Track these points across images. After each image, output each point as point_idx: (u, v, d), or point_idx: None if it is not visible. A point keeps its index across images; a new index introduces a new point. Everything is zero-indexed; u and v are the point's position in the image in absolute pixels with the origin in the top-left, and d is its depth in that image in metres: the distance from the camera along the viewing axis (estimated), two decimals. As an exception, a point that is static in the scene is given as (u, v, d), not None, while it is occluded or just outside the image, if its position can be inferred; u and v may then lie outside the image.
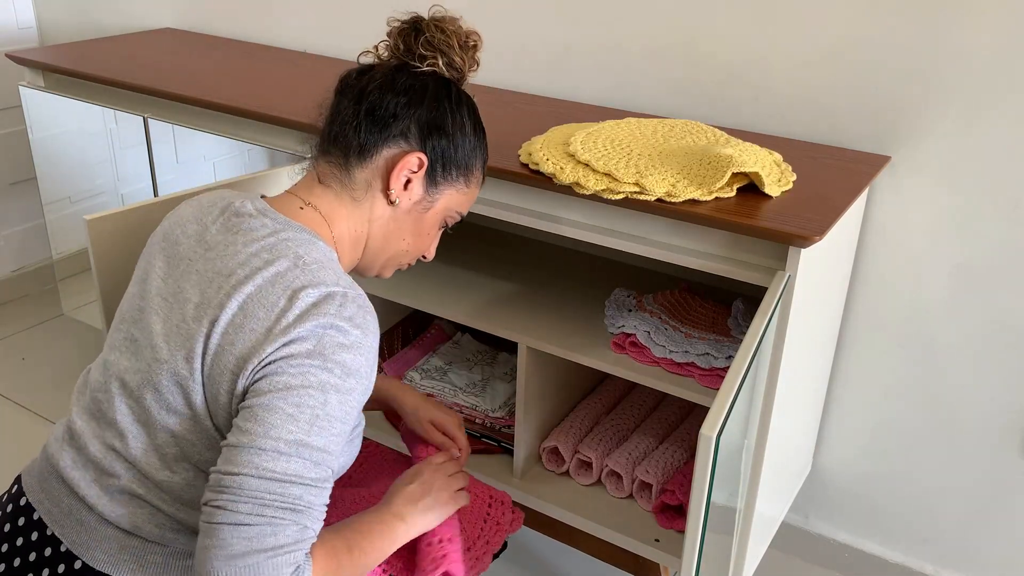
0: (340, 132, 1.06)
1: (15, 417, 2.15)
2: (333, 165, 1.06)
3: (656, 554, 1.43)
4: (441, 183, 1.09)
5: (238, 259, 0.96)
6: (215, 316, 0.93)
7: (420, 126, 1.05)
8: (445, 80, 1.09)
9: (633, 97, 1.69)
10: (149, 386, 0.96)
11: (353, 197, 1.06)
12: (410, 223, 1.10)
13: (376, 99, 1.05)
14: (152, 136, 1.82)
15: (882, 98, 1.45)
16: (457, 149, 1.08)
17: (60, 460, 1.01)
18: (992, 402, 1.52)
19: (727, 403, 0.97)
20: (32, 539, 0.99)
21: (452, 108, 1.07)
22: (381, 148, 1.05)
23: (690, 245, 1.26)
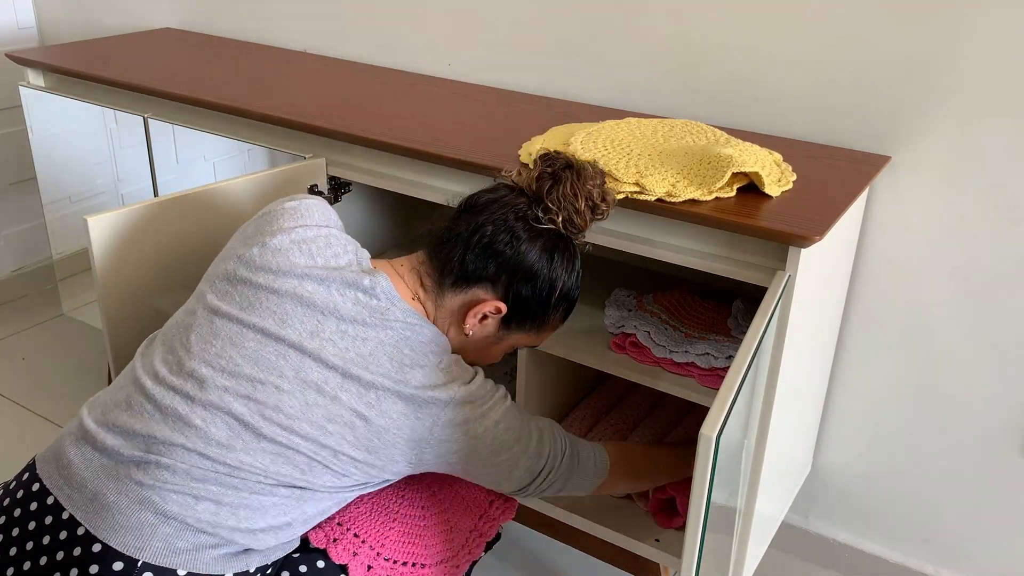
0: (448, 252, 1.13)
1: (15, 417, 2.15)
2: (431, 278, 1.15)
3: (656, 554, 1.43)
4: (514, 328, 1.18)
5: (385, 351, 1.06)
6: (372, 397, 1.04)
7: (511, 275, 1.12)
8: (558, 237, 1.15)
9: (633, 97, 1.69)
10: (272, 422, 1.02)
11: (439, 314, 1.15)
12: (477, 348, 1.19)
13: (487, 239, 1.12)
14: (152, 136, 1.82)
15: (882, 98, 1.45)
16: (539, 306, 1.16)
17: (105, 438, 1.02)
18: (992, 402, 1.52)
19: (727, 403, 0.97)
20: (46, 523, 1.00)
21: (550, 268, 1.14)
22: (474, 285, 1.13)
23: (690, 245, 1.26)
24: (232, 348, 1.04)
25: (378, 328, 1.07)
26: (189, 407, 1.01)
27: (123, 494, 0.99)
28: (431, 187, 1.46)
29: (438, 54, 1.90)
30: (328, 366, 1.03)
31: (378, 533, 1.17)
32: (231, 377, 1.03)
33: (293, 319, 1.05)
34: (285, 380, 1.03)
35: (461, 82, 1.86)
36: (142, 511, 0.98)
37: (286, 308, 1.06)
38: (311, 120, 1.55)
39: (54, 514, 1.00)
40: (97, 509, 0.99)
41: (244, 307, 1.07)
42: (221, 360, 1.04)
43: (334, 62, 1.99)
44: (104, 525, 0.98)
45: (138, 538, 0.97)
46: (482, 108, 1.66)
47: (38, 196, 2.16)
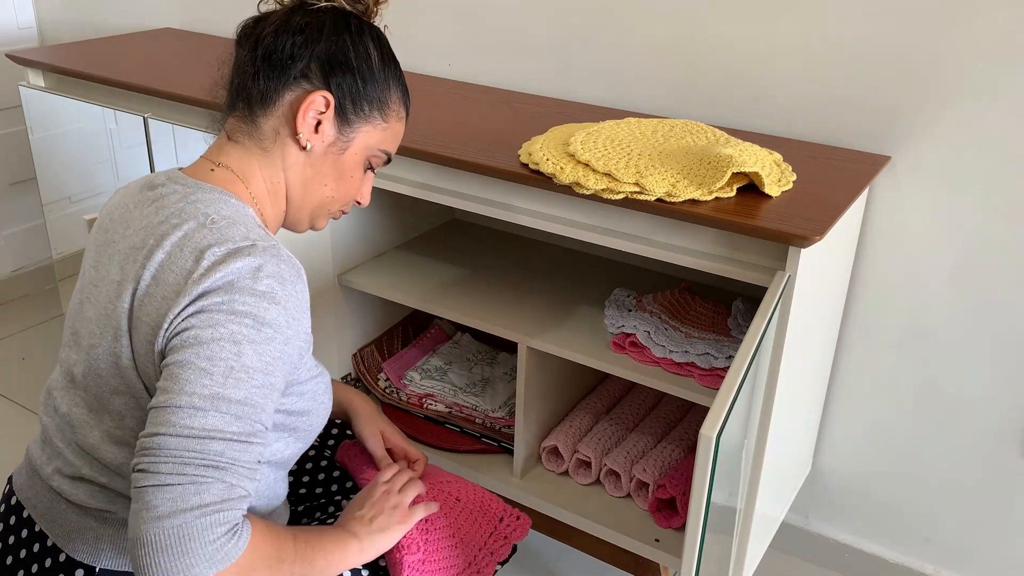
0: (241, 83, 1.01)
1: (15, 417, 2.15)
2: (240, 119, 1.02)
3: (656, 554, 1.43)
4: (354, 121, 1.03)
5: (149, 230, 0.94)
6: (133, 289, 0.92)
7: (321, 63, 0.99)
8: (345, 13, 1.03)
9: (633, 97, 1.69)
10: (92, 373, 0.95)
11: (263, 148, 1.01)
12: (328, 167, 1.04)
13: (271, 42, 1.00)
14: (152, 136, 1.82)
15: (882, 98, 1.45)
16: (366, 83, 1.02)
17: (37, 457, 1.02)
18: (992, 402, 1.52)
19: (727, 403, 0.97)
20: (22, 536, 1.00)
21: (353, 40, 1.01)
22: (283, 92, 0.99)
23: (690, 245, 1.26)
24: (73, 318, 1.00)
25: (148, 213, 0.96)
26: (61, 396, 1.00)
27: (65, 502, 0.98)
28: (431, 187, 1.46)
29: (438, 54, 1.90)
30: (107, 279, 0.95)
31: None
32: (75, 347, 0.99)
33: (102, 255, 0.99)
34: (86, 322, 0.97)
35: (461, 82, 1.86)
36: (81, 516, 0.97)
37: (97, 249, 1.00)
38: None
39: (28, 526, 1.00)
40: (53, 518, 0.98)
41: (88, 277, 1.01)
42: (71, 336, 1.00)
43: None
44: (62, 535, 0.97)
45: (89, 544, 0.96)
46: (482, 108, 1.66)
47: (38, 196, 2.16)
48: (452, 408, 1.67)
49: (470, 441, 1.64)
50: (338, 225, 1.64)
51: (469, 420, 1.66)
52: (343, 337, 1.74)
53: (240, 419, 0.84)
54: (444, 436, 1.65)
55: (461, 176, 1.42)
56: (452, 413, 1.67)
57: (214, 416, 0.83)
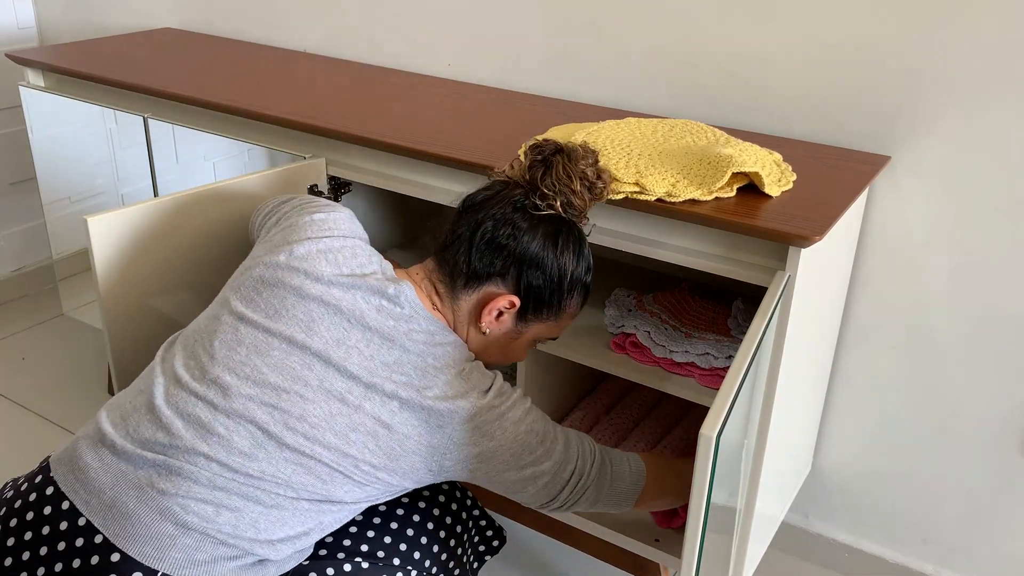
0: (454, 255, 1.14)
1: (15, 417, 2.15)
2: (443, 284, 1.15)
3: (656, 554, 1.43)
4: (531, 320, 1.16)
5: (409, 359, 1.06)
6: (394, 405, 1.04)
7: (520, 269, 1.12)
8: (559, 221, 1.14)
9: (633, 97, 1.69)
10: (294, 431, 1.01)
11: (456, 318, 1.15)
12: (499, 347, 1.18)
13: (489, 236, 1.12)
14: (152, 136, 1.82)
15: (882, 98, 1.45)
16: (552, 294, 1.15)
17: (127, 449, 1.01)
18: (992, 402, 1.52)
19: (727, 403, 0.97)
20: (61, 528, 0.98)
21: (556, 254, 1.13)
22: (484, 283, 1.13)
23: (690, 245, 1.26)
24: (257, 356, 1.04)
25: (403, 336, 1.07)
26: (212, 415, 1.01)
27: (143, 503, 0.97)
28: (431, 187, 1.46)
29: (438, 54, 1.90)
30: (352, 376, 1.04)
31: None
32: (255, 385, 1.02)
33: (319, 327, 1.05)
34: (309, 389, 1.03)
35: (461, 82, 1.86)
36: (162, 521, 0.97)
37: (312, 315, 1.06)
38: (311, 120, 1.55)
39: (70, 519, 0.98)
40: (116, 517, 0.97)
41: (270, 314, 1.06)
42: (246, 368, 1.03)
43: (334, 62, 1.99)
44: (123, 534, 0.97)
45: (157, 548, 0.96)
46: (482, 108, 1.66)
47: (38, 196, 2.16)
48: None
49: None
50: (338, 225, 1.64)
51: (469, 420, 1.65)
52: (343, 337, 1.74)
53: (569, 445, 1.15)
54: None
55: (461, 176, 1.42)
56: (452, 413, 1.67)
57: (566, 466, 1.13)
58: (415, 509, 1.23)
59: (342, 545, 1.16)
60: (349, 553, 1.15)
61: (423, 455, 1.05)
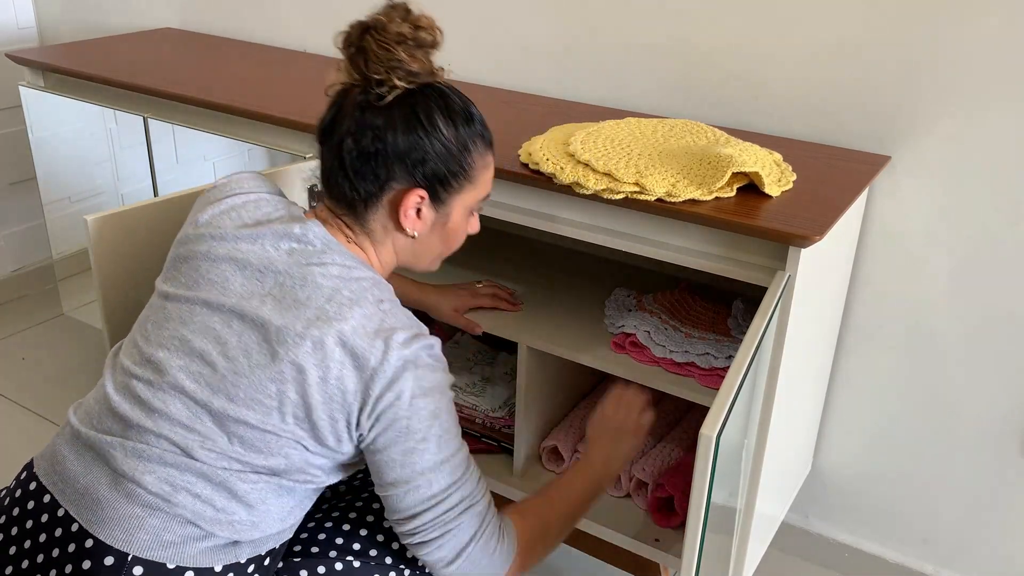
0: (339, 189, 1.08)
1: (15, 417, 2.15)
2: (347, 216, 1.09)
3: (656, 554, 1.43)
4: (447, 199, 1.10)
5: (322, 293, 1.02)
6: (308, 345, 0.99)
7: (404, 164, 1.06)
8: (410, 97, 1.06)
9: (633, 97, 1.69)
10: (221, 393, 1.00)
11: (374, 240, 1.11)
12: (435, 238, 1.13)
13: (355, 154, 1.06)
14: (152, 136, 1.82)
15: (882, 98, 1.45)
16: (448, 163, 1.08)
17: (92, 438, 1.03)
18: (992, 402, 1.52)
19: (727, 403, 0.97)
20: (43, 521, 1.00)
21: (426, 130, 1.06)
22: (380, 196, 1.07)
23: (690, 245, 1.26)
24: (183, 327, 1.04)
25: (316, 274, 1.03)
26: (152, 392, 1.02)
27: (111, 488, 0.99)
28: (431, 187, 1.46)
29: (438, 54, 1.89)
30: (265, 324, 1.01)
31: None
32: (184, 356, 1.02)
33: (233, 284, 1.04)
34: (230, 348, 1.01)
35: (461, 82, 1.86)
36: (129, 504, 0.98)
37: (224, 274, 1.05)
38: (311, 120, 1.55)
39: (50, 511, 1.01)
40: (88, 504, 0.99)
41: (190, 285, 1.06)
42: (175, 341, 1.03)
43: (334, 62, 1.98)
44: (95, 519, 0.98)
45: (126, 531, 0.97)
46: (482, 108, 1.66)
47: (38, 196, 2.16)
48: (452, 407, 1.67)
49: (470, 441, 1.63)
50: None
51: (469, 420, 1.66)
52: (343, 337, 1.74)
53: (459, 465, 1.05)
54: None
55: (461, 176, 1.42)
56: (452, 413, 1.67)
57: (442, 477, 1.03)
58: None
59: (335, 543, 1.16)
60: (341, 551, 1.15)
61: (340, 403, 1.00)
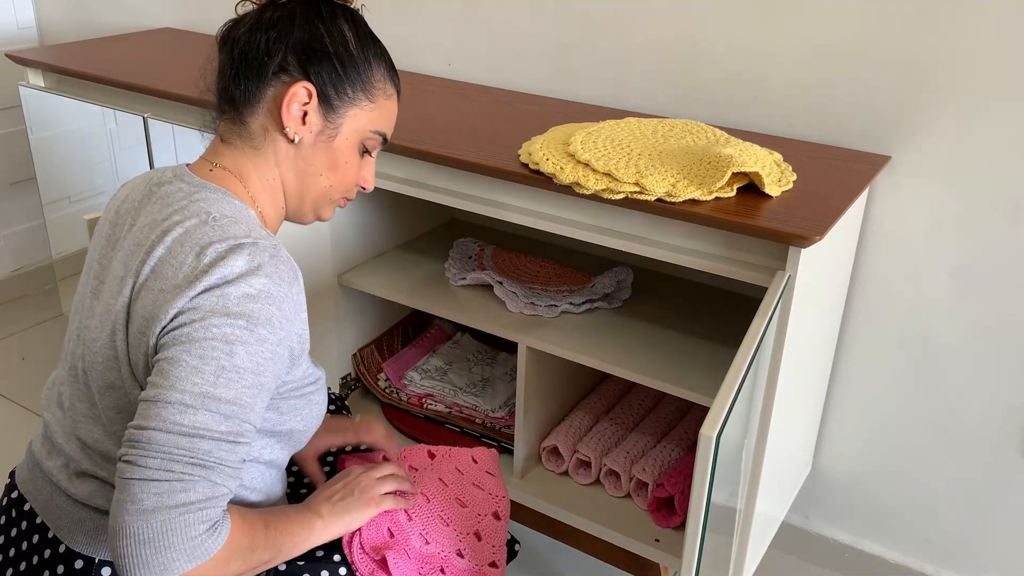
0: (224, 86, 1.02)
1: (15, 417, 2.15)
2: (229, 121, 1.02)
3: (656, 554, 1.43)
4: (339, 106, 1.01)
5: (153, 225, 0.95)
6: (132, 283, 0.93)
7: (297, 54, 0.99)
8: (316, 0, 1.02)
9: (633, 97, 1.69)
10: (93, 368, 0.96)
11: (254, 147, 1.02)
12: (321, 156, 1.03)
13: (246, 42, 1.00)
14: (152, 136, 1.82)
15: (882, 98, 1.45)
16: (345, 66, 1.00)
17: (38, 452, 1.04)
18: (992, 402, 1.52)
19: (727, 403, 0.97)
20: (23, 528, 1.01)
21: (327, 26, 1.00)
22: (265, 89, 1.00)
23: (690, 245, 1.26)
24: (80, 312, 1.01)
25: (153, 209, 0.97)
26: (64, 385, 1.02)
27: (65, 496, 0.99)
28: (431, 187, 1.46)
29: (438, 54, 1.90)
30: (110, 274, 0.97)
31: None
32: (78, 341, 1.00)
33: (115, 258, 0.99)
34: (87, 315, 0.99)
35: (461, 82, 1.86)
36: (81, 508, 0.98)
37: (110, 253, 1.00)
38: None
39: (29, 519, 1.01)
40: (53, 510, 1.00)
41: (94, 271, 1.02)
42: (77, 327, 1.01)
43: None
44: (62, 526, 0.99)
45: (88, 535, 0.97)
46: (482, 108, 1.66)
47: (38, 196, 2.16)
48: (452, 408, 1.67)
49: (470, 441, 1.64)
50: (338, 225, 1.64)
51: (469, 420, 1.66)
52: (343, 337, 1.74)
53: (229, 418, 0.86)
54: (444, 436, 1.65)
55: (461, 176, 1.42)
56: (452, 413, 1.67)
57: (203, 414, 0.84)
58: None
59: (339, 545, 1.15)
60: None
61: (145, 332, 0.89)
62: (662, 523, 1.46)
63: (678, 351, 1.44)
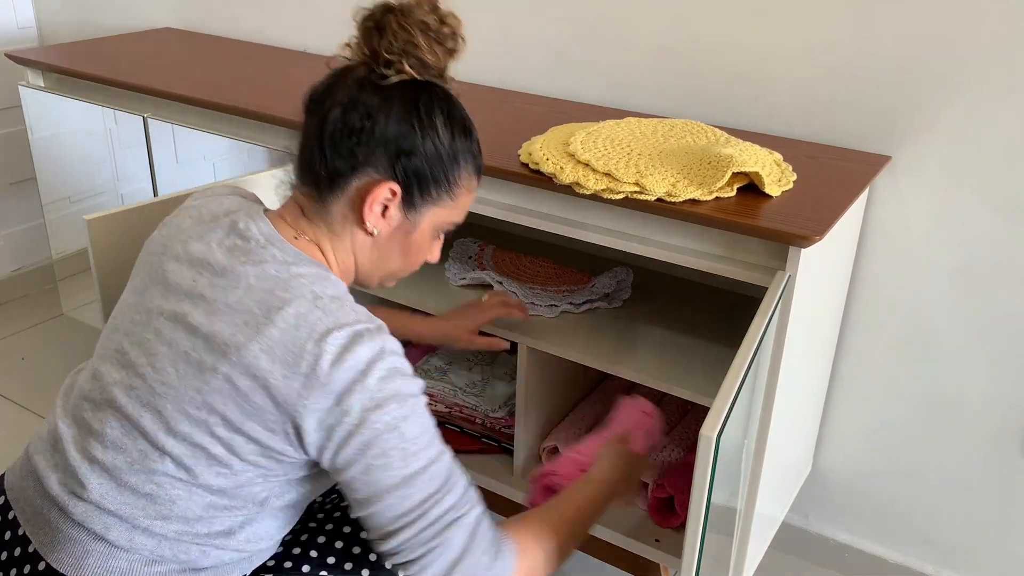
0: (310, 164, 1.00)
1: (15, 417, 2.15)
2: (309, 198, 1.01)
3: (656, 554, 1.43)
4: (421, 205, 1.02)
5: (253, 295, 0.93)
6: (235, 354, 0.91)
7: (387, 152, 0.97)
8: (414, 88, 1.00)
9: (633, 97, 1.69)
10: (149, 408, 0.94)
11: (332, 231, 1.02)
12: (396, 247, 1.04)
13: (339, 126, 0.97)
14: (152, 136, 1.82)
15: (882, 98, 1.45)
16: (433, 167, 1.00)
17: (38, 460, 0.99)
18: (992, 402, 1.52)
19: (727, 403, 0.97)
20: (5, 538, 0.98)
21: (422, 123, 0.99)
22: (350, 179, 0.98)
23: (690, 245, 1.26)
24: (124, 336, 0.97)
25: (251, 272, 0.94)
26: (92, 412, 0.97)
27: (59, 512, 0.95)
28: (431, 187, 1.46)
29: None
30: (195, 330, 0.93)
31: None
32: (121, 368, 0.96)
33: (172, 283, 0.97)
34: (159, 357, 0.94)
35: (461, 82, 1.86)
36: (74, 528, 0.94)
37: (166, 275, 0.98)
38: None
39: (12, 529, 0.98)
40: (40, 525, 0.96)
41: (140, 290, 1.00)
42: (113, 351, 0.98)
43: (334, 62, 1.99)
44: (46, 542, 0.95)
45: (74, 556, 0.94)
46: (482, 108, 1.66)
47: (38, 196, 2.16)
48: (452, 408, 1.67)
49: (470, 441, 1.64)
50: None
51: (469, 420, 1.66)
52: (343, 337, 1.74)
53: (435, 477, 0.94)
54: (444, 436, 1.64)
55: (461, 176, 1.42)
56: (452, 413, 1.67)
57: (416, 490, 0.93)
58: None
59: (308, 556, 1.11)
60: (315, 565, 1.11)
61: (273, 413, 0.91)
62: (662, 523, 1.46)
63: (678, 351, 1.44)
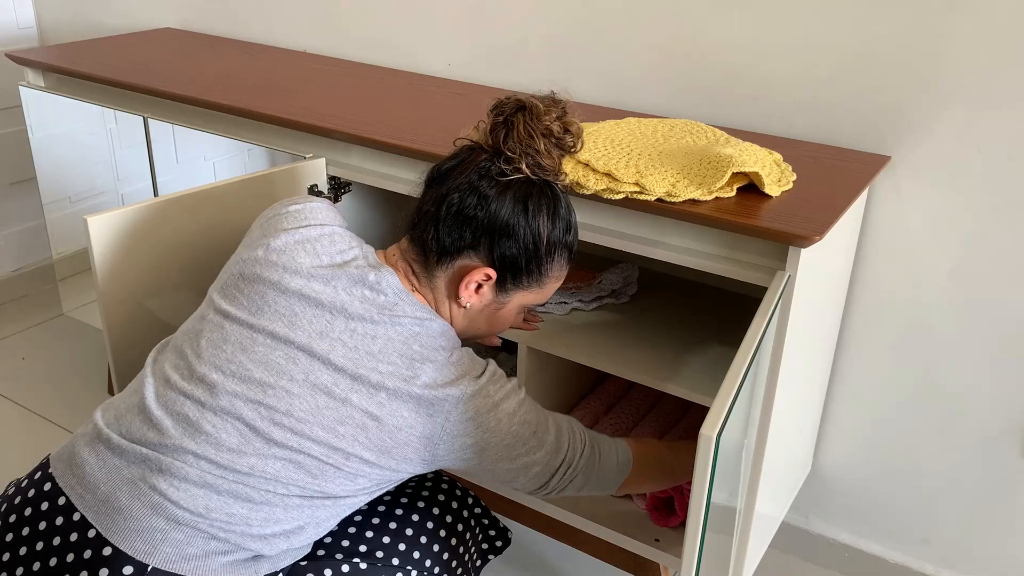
0: (422, 233, 1.11)
1: (15, 417, 2.15)
2: (417, 263, 1.13)
3: (656, 554, 1.43)
4: (512, 289, 1.14)
5: (393, 348, 1.05)
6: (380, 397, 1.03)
7: (490, 240, 1.09)
8: (528, 187, 1.10)
9: (633, 97, 1.69)
10: (279, 426, 1.01)
11: (435, 296, 1.13)
12: (484, 319, 1.16)
13: (457, 203, 1.08)
14: (152, 136, 1.82)
15: (882, 98, 1.45)
16: (529, 262, 1.11)
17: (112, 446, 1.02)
18: (992, 402, 1.52)
19: (727, 403, 0.97)
20: (57, 524, 0.99)
21: (527, 219, 1.09)
22: (455, 258, 1.10)
23: (690, 245, 1.26)
24: (242, 353, 1.04)
25: (387, 325, 1.06)
26: (200, 413, 1.01)
27: (135, 498, 0.98)
28: (431, 187, 1.46)
29: (438, 54, 1.90)
30: (337, 368, 1.03)
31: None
32: (241, 382, 1.02)
33: (302, 320, 1.05)
34: (295, 384, 1.02)
35: (461, 82, 1.86)
36: (153, 516, 0.98)
37: (294, 309, 1.05)
38: (311, 120, 1.55)
39: (65, 515, 1.00)
40: (109, 512, 0.98)
41: (253, 311, 1.06)
42: (232, 365, 1.03)
43: (334, 62, 1.99)
44: (115, 528, 0.97)
45: (148, 543, 0.97)
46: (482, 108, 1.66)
47: (38, 196, 2.16)
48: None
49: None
50: (338, 225, 1.64)
51: (469, 420, 1.66)
52: (343, 337, 1.74)
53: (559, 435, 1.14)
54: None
55: (461, 176, 1.42)
56: (452, 413, 1.67)
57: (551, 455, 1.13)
58: (414, 508, 1.23)
59: (340, 545, 1.15)
60: (347, 554, 1.14)
61: (415, 446, 1.05)
62: (662, 523, 1.46)
63: (678, 351, 1.44)
